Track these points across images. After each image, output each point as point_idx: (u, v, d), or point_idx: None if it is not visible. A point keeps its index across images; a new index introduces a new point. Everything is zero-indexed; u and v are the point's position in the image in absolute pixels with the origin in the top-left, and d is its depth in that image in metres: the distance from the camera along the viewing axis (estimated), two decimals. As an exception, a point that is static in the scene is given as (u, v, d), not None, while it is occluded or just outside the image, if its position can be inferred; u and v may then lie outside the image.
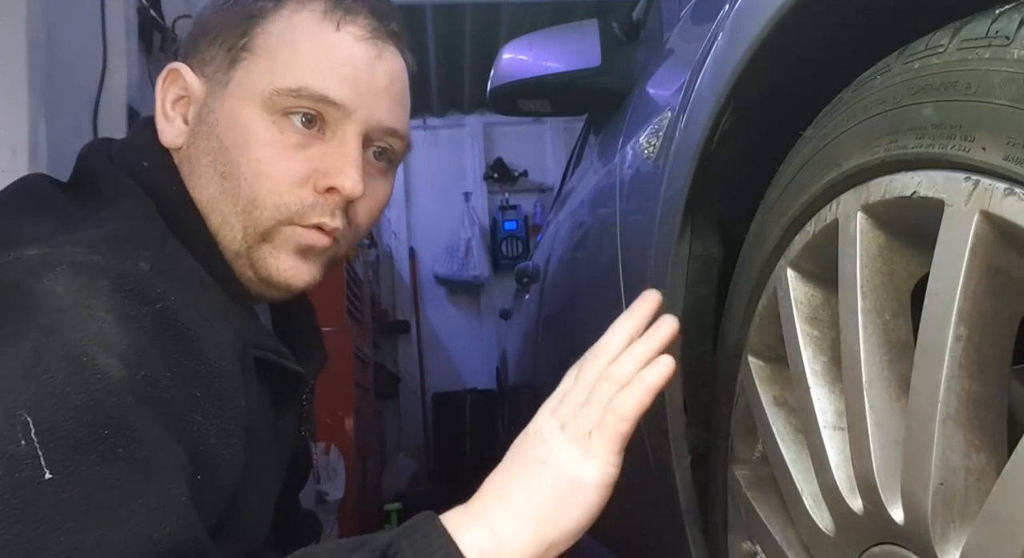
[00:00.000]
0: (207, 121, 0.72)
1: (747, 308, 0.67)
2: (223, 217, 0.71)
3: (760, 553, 0.69)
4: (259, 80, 0.70)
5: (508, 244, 5.04)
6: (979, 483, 0.43)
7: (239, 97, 0.71)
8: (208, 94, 0.73)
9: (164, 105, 0.74)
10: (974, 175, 0.41)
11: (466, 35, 4.30)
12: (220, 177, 0.70)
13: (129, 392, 0.54)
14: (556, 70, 1.31)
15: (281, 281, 0.72)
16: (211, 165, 0.71)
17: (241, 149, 0.70)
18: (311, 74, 0.70)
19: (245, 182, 0.70)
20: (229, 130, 0.70)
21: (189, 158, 0.72)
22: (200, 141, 0.72)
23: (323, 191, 0.71)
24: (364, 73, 0.72)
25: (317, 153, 0.71)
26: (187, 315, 0.59)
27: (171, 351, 0.58)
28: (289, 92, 0.69)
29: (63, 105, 1.49)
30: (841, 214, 0.53)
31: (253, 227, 0.70)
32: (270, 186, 0.70)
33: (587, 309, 1.29)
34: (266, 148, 0.70)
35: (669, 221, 0.78)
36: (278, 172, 0.70)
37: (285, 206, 0.70)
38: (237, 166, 0.70)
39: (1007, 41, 0.40)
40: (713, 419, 0.76)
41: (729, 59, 0.64)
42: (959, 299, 0.41)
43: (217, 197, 0.71)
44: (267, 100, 0.69)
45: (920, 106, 0.46)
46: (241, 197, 0.70)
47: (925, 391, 0.44)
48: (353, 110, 0.71)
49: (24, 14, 1.40)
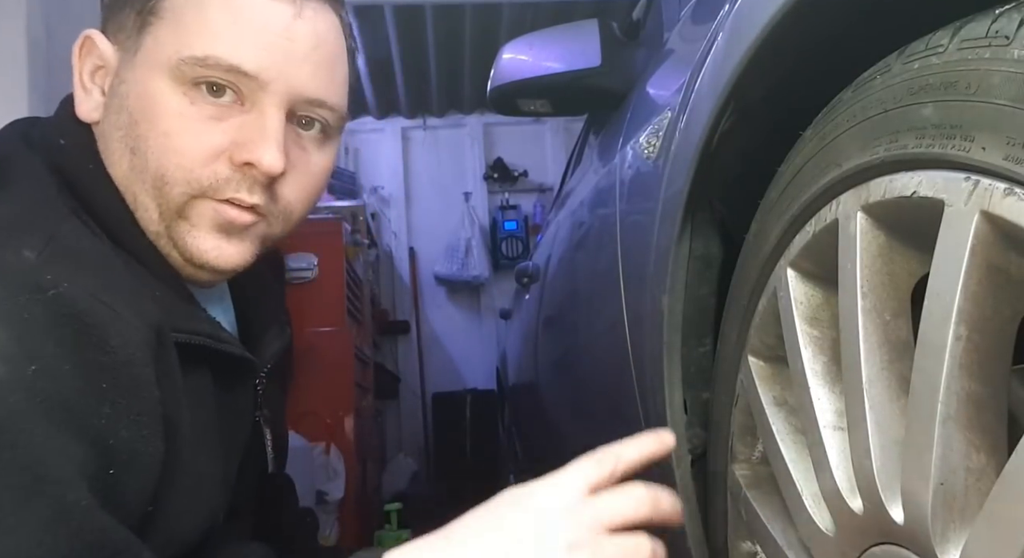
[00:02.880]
0: (118, 93, 0.67)
1: (747, 308, 0.67)
2: (136, 195, 0.66)
3: (760, 553, 0.69)
4: (166, 48, 0.65)
5: (508, 244, 5.04)
6: (979, 483, 0.43)
7: (147, 67, 0.65)
8: (120, 63, 0.68)
9: (82, 76, 0.69)
10: (974, 175, 0.41)
11: (466, 35, 4.30)
12: (131, 153, 0.66)
13: (10, 393, 0.50)
14: (556, 70, 1.31)
15: (206, 262, 0.68)
16: (122, 140, 0.66)
17: (150, 123, 0.65)
18: (219, 41, 0.64)
19: (153, 157, 0.65)
20: (137, 102, 0.65)
21: (103, 133, 0.68)
22: (111, 115, 0.67)
23: (240, 165, 0.66)
24: (281, 37, 0.66)
25: (234, 125, 0.66)
26: (85, 302, 0.55)
27: (69, 342, 0.53)
28: (196, 61, 0.64)
29: (63, 105, 1.49)
30: (841, 214, 0.53)
31: (166, 204, 0.66)
32: (179, 161, 0.65)
33: (587, 309, 1.29)
34: (175, 121, 0.65)
35: (669, 221, 0.78)
36: (187, 146, 0.65)
37: (196, 181, 0.65)
38: (145, 141, 0.65)
39: (1007, 41, 0.40)
40: (713, 419, 0.76)
41: (729, 59, 0.64)
42: (959, 299, 0.41)
43: (129, 174, 0.66)
44: (174, 69, 0.64)
45: (920, 106, 0.46)
46: (150, 173, 0.65)
47: (925, 391, 0.44)
48: (269, 81, 0.66)
49: (24, 14, 1.40)
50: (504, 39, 1.58)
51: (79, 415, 0.53)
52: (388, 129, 5.20)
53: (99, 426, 0.54)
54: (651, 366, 0.85)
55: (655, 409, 0.84)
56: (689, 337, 0.78)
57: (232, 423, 0.76)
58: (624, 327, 0.98)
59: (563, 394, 1.56)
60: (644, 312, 0.87)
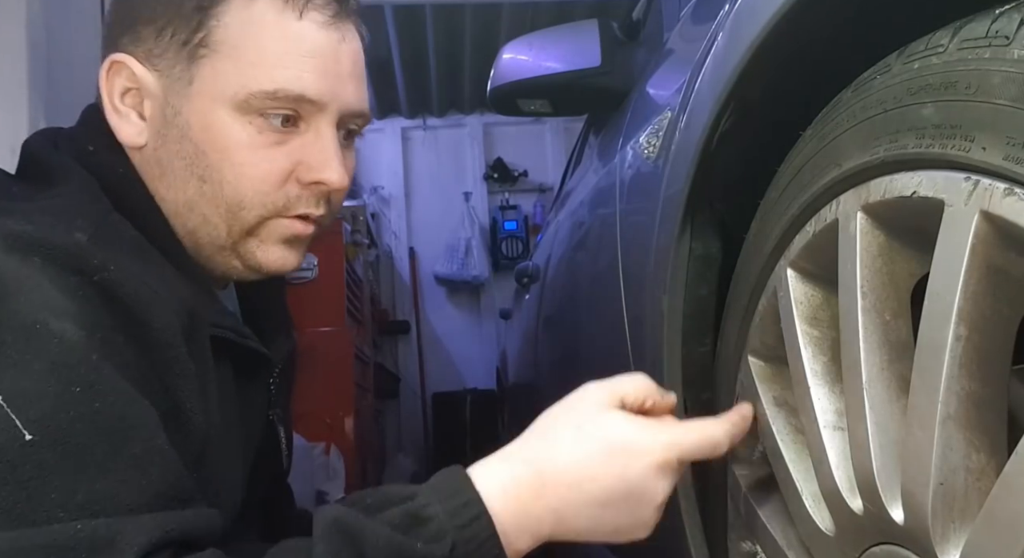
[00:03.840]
0: (175, 124, 0.69)
1: (747, 308, 0.67)
2: (205, 217, 0.70)
3: (760, 553, 0.69)
4: (229, 81, 0.68)
5: (508, 244, 5.04)
6: (979, 483, 0.43)
7: (209, 99, 0.68)
8: (168, 92, 0.70)
9: (112, 99, 0.71)
10: (974, 175, 0.41)
11: (466, 35, 4.30)
12: (199, 180, 0.69)
13: (92, 350, 0.55)
14: (556, 70, 1.31)
15: (273, 270, 0.73)
16: (187, 169, 0.69)
17: (220, 154, 0.68)
18: (284, 73, 0.68)
19: (228, 186, 0.69)
20: (203, 134, 0.69)
21: (159, 160, 0.70)
22: (171, 144, 0.70)
23: (308, 184, 0.71)
24: (332, 61, 0.71)
25: (296, 147, 0.70)
26: (131, 284, 0.59)
27: (119, 319, 0.58)
28: (266, 95, 0.68)
29: (63, 105, 1.49)
30: (841, 214, 0.53)
31: (239, 225, 0.70)
32: (256, 187, 0.69)
33: (587, 309, 1.29)
34: (246, 151, 0.69)
35: (669, 221, 0.78)
36: (262, 173, 0.69)
37: (272, 203, 0.70)
38: (219, 171, 0.69)
39: (1007, 41, 0.40)
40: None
41: (729, 59, 0.64)
42: (959, 299, 0.41)
43: (197, 199, 0.70)
44: (242, 103, 0.68)
45: (920, 106, 0.46)
46: (225, 199, 0.69)
47: (925, 391, 0.44)
48: (327, 102, 0.70)
49: (24, 14, 1.40)
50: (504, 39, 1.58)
51: (137, 381, 0.58)
52: (388, 129, 5.20)
53: (149, 395, 0.58)
54: (651, 366, 0.85)
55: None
56: (689, 337, 0.78)
57: (249, 419, 0.79)
58: (624, 327, 0.98)
59: (563, 394, 1.55)
60: (644, 312, 0.87)
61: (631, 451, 0.60)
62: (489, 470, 0.60)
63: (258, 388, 0.81)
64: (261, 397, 0.82)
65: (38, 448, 0.51)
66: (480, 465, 0.60)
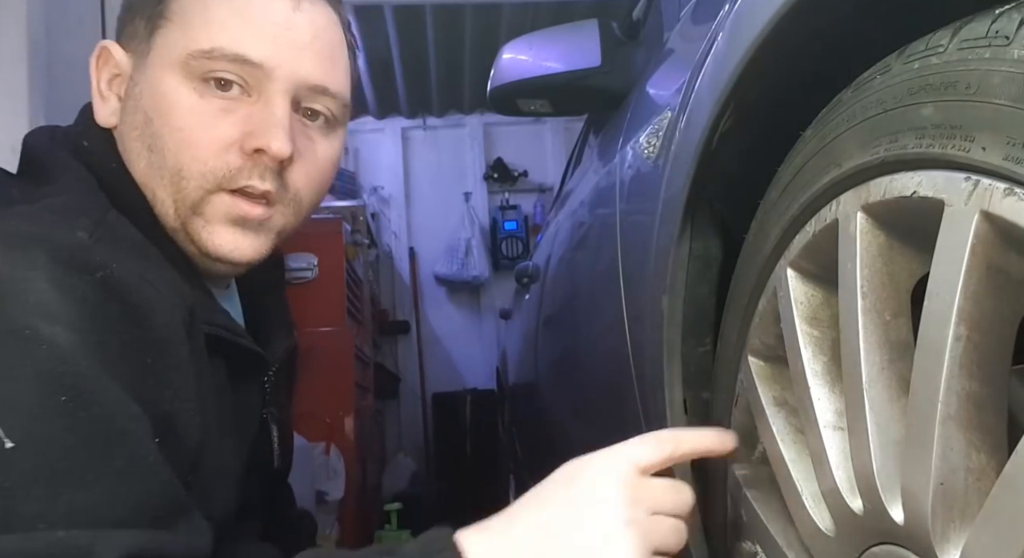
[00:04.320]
0: (132, 95, 0.71)
1: (747, 308, 0.67)
2: (154, 192, 0.69)
3: (760, 553, 0.69)
4: (175, 46, 0.68)
5: (508, 244, 5.04)
6: (979, 483, 0.43)
7: (159, 66, 0.69)
8: (133, 68, 0.72)
9: (99, 85, 0.73)
10: (974, 175, 0.41)
11: (466, 35, 4.30)
12: (148, 151, 0.69)
13: (82, 357, 0.53)
14: (556, 70, 1.31)
15: (222, 255, 0.71)
16: (139, 139, 0.69)
17: (164, 119, 0.68)
18: (224, 33, 0.68)
19: (170, 153, 0.68)
20: (151, 101, 0.69)
21: (121, 135, 0.72)
22: (128, 116, 0.71)
23: (250, 153, 0.69)
24: (281, 27, 0.70)
25: (243, 116, 0.69)
26: (132, 282, 0.58)
27: (117, 318, 0.57)
28: (203, 54, 0.67)
29: (64, 105, 1.49)
30: (841, 214, 0.53)
31: (182, 199, 0.69)
32: (194, 154, 0.68)
33: (587, 309, 1.29)
34: (187, 116, 0.68)
35: (669, 221, 0.78)
36: (201, 139, 0.68)
37: (211, 173, 0.68)
38: (161, 138, 0.68)
39: (1007, 41, 0.40)
40: (713, 419, 0.76)
41: (729, 59, 0.64)
42: (959, 299, 0.41)
43: (147, 172, 0.69)
44: (183, 65, 0.68)
45: (920, 106, 0.46)
46: (167, 169, 0.68)
47: (925, 391, 0.44)
48: (273, 68, 0.69)
49: (24, 14, 1.40)
50: (504, 39, 1.58)
51: (131, 385, 0.56)
52: (388, 129, 5.20)
53: (146, 398, 0.57)
54: (651, 366, 0.85)
55: (655, 409, 0.84)
56: (689, 337, 0.78)
57: (243, 418, 0.79)
58: (624, 327, 0.98)
59: (563, 394, 1.56)
60: (644, 312, 0.87)
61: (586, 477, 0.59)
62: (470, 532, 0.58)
63: (252, 386, 0.80)
64: (255, 396, 0.82)
65: (20, 456, 0.49)
66: None
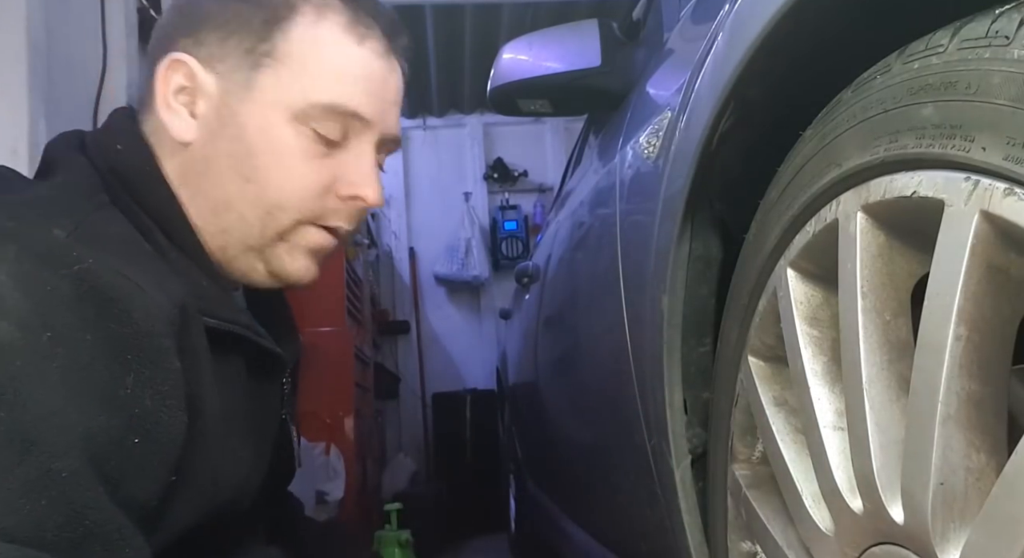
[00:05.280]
0: (231, 124, 0.73)
1: (747, 308, 0.67)
2: (241, 215, 0.73)
3: (760, 553, 0.69)
4: (289, 91, 0.72)
5: (508, 244, 5.03)
6: (979, 483, 0.43)
7: (268, 105, 0.72)
8: (225, 93, 0.73)
9: (167, 96, 0.74)
10: (974, 175, 0.41)
11: (466, 35, 4.30)
12: (243, 180, 0.73)
13: (17, 356, 0.52)
14: (556, 70, 1.30)
15: (294, 280, 0.76)
16: (233, 167, 0.73)
17: (270, 156, 0.72)
18: (342, 89, 0.74)
19: (272, 188, 0.73)
20: (257, 136, 0.72)
21: (206, 157, 0.73)
22: (222, 143, 0.73)
23: (345, 198, 0.75)
24: (381, 88, 0.77)
25: (339, 161, 0.75)
26: (108, 277, 0.58)
27: (91, 314, 0.56)
28: (323, 107, 0.73)
29: (63, 105, 1.49)
30: (841, 214, 0.53)
31: (274, 227, 0.74)
32: (299, 193, 0.73)
33: (587, 309, 1.29)
34: (297, 158, 0.73)
35: (669, 221, 0.78)
36: (308, 182, 0.74)
37: (310, 210, 0.74)
38: (265, 172, 0.72)
39: (1007, 41, 0.40)
40: (713, 419, 0.76)
41: (729, 59, 0.64)
42: (959, 299, 0.41)
43: (237, 197, 0.73)
44: (299, 112, 0.72)
45: (920, 106, 0.46)
46: (266, 201, 0.73)
47: (925, 391, 0.44)
48: (375, 123, 0.76)
49: (24, 14, 1.40)
50: (504, 39, 1.58)
51: (102, 384, 0.55)
52: (388, 129, 5.18)
53: (124, 396, 0.56)
54: (651, 366, 0.85)
55: (655, 409, 0.84)
56: (689, 337, 0.78)
57: (262, 415, 0.80)
58: (624, 327, 0.98)
59: (563, 394, 1.56)
60: (644, 312, 0.87)
61: None
62: None
63: (272, 387, 0.82)
64: (275, 396, 0.83)
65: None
66: None
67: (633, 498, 1.00)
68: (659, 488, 0.88)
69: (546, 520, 2.04)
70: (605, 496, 1.25)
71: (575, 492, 1.60)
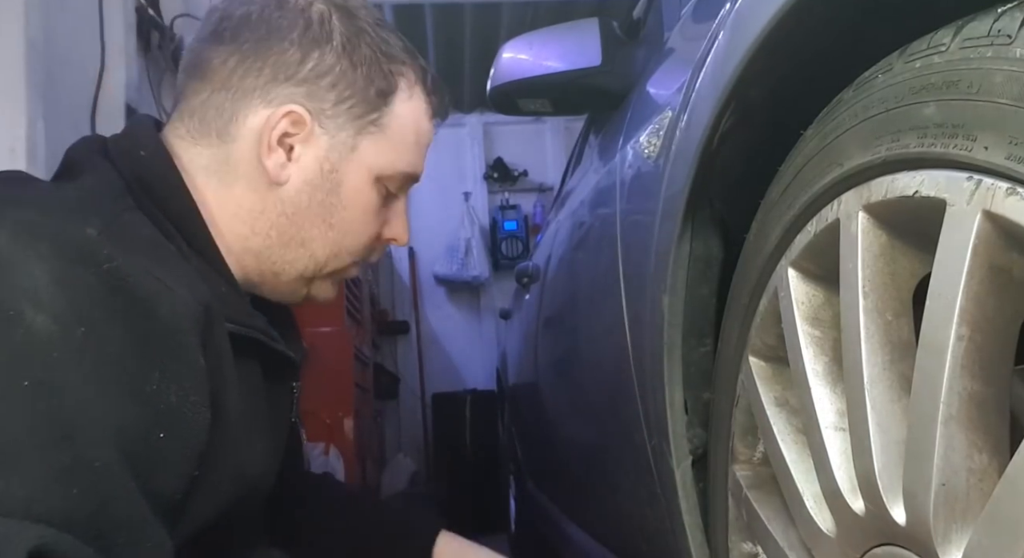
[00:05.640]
0: (330, 178, 0.79)
1: (748, 308, 0.67)
2: (312, 254, 0.80)
3: (761, 553, 0.69)
4: (383, 157, 0.81)
5: (508, 244, 5.03)
6: (981, 484, 0.43)
7: (365, 167, 0.80)
8: (330, 150, 0.79)
9: (271, 138, 0.77)
10: (976, 175, 0.41)
11: (466, 35, 4.30)
12: (327, 227, 0.80)
13: (54, 348, 0.53)
14: (556, 69, 1.30)
15: (320, 300, 0.86)
16: (321, 215, 0.80)
17: (353, 211, 0.81)
18: (419, 160, 0.85)
19: (350, 236, 0.82)
20: (350, 194, 0.80)
21: (296, 201, 0.79)
22: (318, 193, 0.79)
23: (384, 240, 0.86)
24: None
25: (388, 209, 0.85)
26: (137, 276, 0.59)
27: (120, 310, 0.58)
28: (404, 176, 0.83)
29: (61, 104, 1.48)
30: (843, 214, 0.53)
31: (334, 264, 0.82)
32: (363, 241, 0.83)
33: (587, 309, 1.29)
34: (371, 213, 0.82)
35: (670, 221, 0.78)
36: (371, 230, 0.83)
37: (362, 252, 0.84)
38: (348, 224, 0.81)
39: (1009, 40, 0.40)
40: (714, 419, 0.76)
41: (730, 58, 0.64)
42: (961, 299, 0.41)
43: (316, 240, 0.80)
44: (385, 176, 0.81)
45: (922, 105, 0.45)
46: (340, 246, 0.81)
47: (927, 391, 0.44)
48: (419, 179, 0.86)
49: (22, 14, 1.40)
50: (504, 38, 1.57)
51: (130, 379, 0.57)
52: (388, 129, 5.18)
53: (150, 391, 0.58)
54: (651, 366, 0.84)
55: (655, 409, 0.84)
56: (690, 337, 0.78)
57: (275, 418, 0.82)
58: (624, 327, 0.98)
59: (563, 394, 1.56)
60: (644, 312, 0.87)
61: None
62: None
63: (283, 391, 0.84)
64: (286, 400, 0.85)
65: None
66: None
67: (633, 498, 1.00)
68: (659, 488, 0.88)
69: (546, 520, 2.04)
70: (605, 496, 1.25)
71: (575, 492, 1.60)
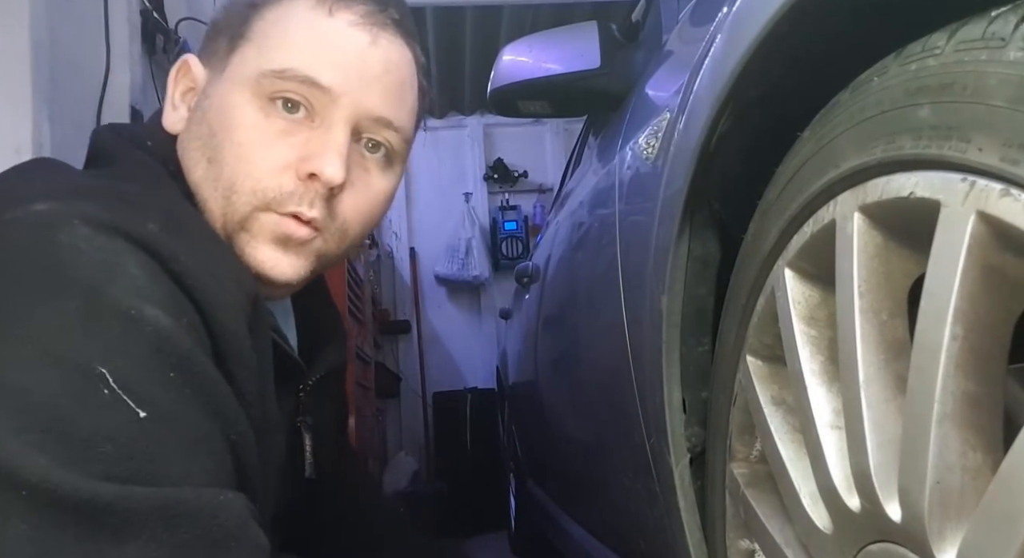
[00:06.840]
0: (201, 107, 0.73)
1: (745, 308, 0.67)
2: (205, 201, 0.71)
3: (758, 551, 0.70)
4: (249, 64, 0.71)
5: (508, 244, 5.03)
6: (975, 481, 0.43)
7: (231, 81, 0.71)
8: (208, 82, 0.74)
9: (174, 96, 0.76)
10: (970, 176, 0.41)
11: (466, 37, 4.30)
12: (207, 161, 0.71)
13: (181, 337, 0.56)
14: (556, 72, 1.31)
15: (261, 272, 0.70)
16: (200, 149, 0.71)
17: (226, 133, 0.69)
18: (298, 56, 0.69)
19: (227, 166, 0.69)
20: (217, 115, 0.71)
21: (183, 143, 0.74)
22: (193, 126, 0.73)
23: (304, 177, 0.69)
24: (355, 59, 0.71)
25: (302, 140, 0.70)
26: (198, 274, 0.59)
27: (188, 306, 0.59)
28: (275, 73, 0.69)
29: (67, 107, 1.49)
30: (839, 214, 0.53)
31: (231, 213, 0.69)
32: (249, 171, 0.69)
33: (587, 309, 1.30)
34: (248, 132, 0.69)
35: (668, 221, 0.78)
36: (258, 157, 0.69)
37: (262, 192, 0.69)
38: (221, 151, 0.69)
39: (1003, 43, 0.41)
40: (712, 418, 0.76)
41: (728, 60, 0.65)
42: (955, 299, 0.42)
43: (202, 181, 0.71)
44: (255, 83, 0.69)
45: (917, 107, 0.46)
46: (222, 182, 0.69)
47: (922, 390, 0.44)
48: (340, 95, 0.70)
49: (28, 16, 1.40)
50: (504, 41, 1.58)
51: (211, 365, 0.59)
52: (389, 130, 5.18)
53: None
54: (650, 365, 0.85)
55: (654, 408, 0.84)
56: (688, 337, 0.78)
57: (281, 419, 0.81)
58: (623, 327, 0.98)
59: (562, 393, 1.56)
60: (643, 312, 0.87)
61: None
62: None
63: (287, 393, 0.82)
64: (289, 402, 0.83)
65: (153, 425, 0.52)
66: None
67: (632, 496, 1.00)
68: (658, 487, 0.88)
69: (546, 518, 2.05)
70: (604, 494, 1.25)
71: (575, 490, 1.60)
